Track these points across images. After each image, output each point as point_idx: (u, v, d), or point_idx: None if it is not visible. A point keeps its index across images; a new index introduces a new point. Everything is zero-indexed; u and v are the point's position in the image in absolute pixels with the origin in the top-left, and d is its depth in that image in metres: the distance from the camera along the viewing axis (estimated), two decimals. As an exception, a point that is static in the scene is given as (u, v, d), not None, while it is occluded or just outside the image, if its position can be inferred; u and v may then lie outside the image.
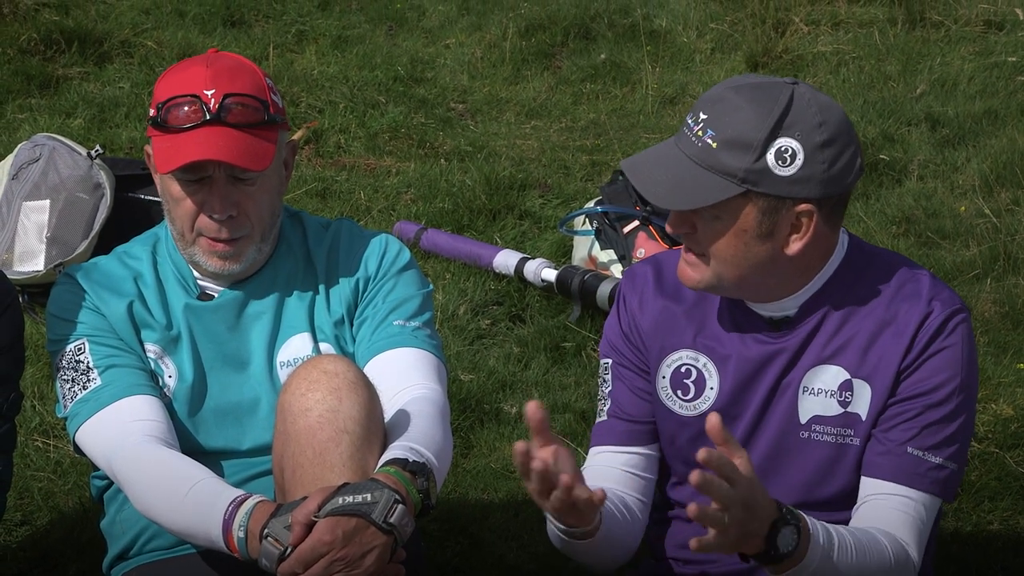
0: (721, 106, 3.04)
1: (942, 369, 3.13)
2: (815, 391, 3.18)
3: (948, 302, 3.15)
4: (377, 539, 3.00)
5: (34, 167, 5.63)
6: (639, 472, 3.35)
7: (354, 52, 7.77)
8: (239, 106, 3.32)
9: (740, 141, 3.01)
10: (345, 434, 3.11)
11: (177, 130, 3.32)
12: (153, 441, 3.29)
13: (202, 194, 3.35)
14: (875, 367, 3.15)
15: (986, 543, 4.31)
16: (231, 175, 3.33)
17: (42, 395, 4.91)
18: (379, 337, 3.43)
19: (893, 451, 3.14)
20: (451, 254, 5.87)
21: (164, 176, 3.37)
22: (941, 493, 3.16)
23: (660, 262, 3.35)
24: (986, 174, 6.40)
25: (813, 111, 3.03)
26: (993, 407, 4.88)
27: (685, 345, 3.27)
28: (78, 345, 3.40)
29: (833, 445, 3.19)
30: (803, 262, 3.13)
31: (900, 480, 3.13)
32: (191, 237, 3.40)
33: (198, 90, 3.32)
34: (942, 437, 3.14)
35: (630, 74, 7.72)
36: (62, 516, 4.39)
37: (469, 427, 4.91)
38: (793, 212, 3.05)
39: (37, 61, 7.28)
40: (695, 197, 3.04)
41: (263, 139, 3.35)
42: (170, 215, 3.43)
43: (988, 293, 5.54)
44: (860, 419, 3.17)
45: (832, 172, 3.04)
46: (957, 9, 8.10)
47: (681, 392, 3.28)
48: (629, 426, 3.34)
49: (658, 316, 3.29)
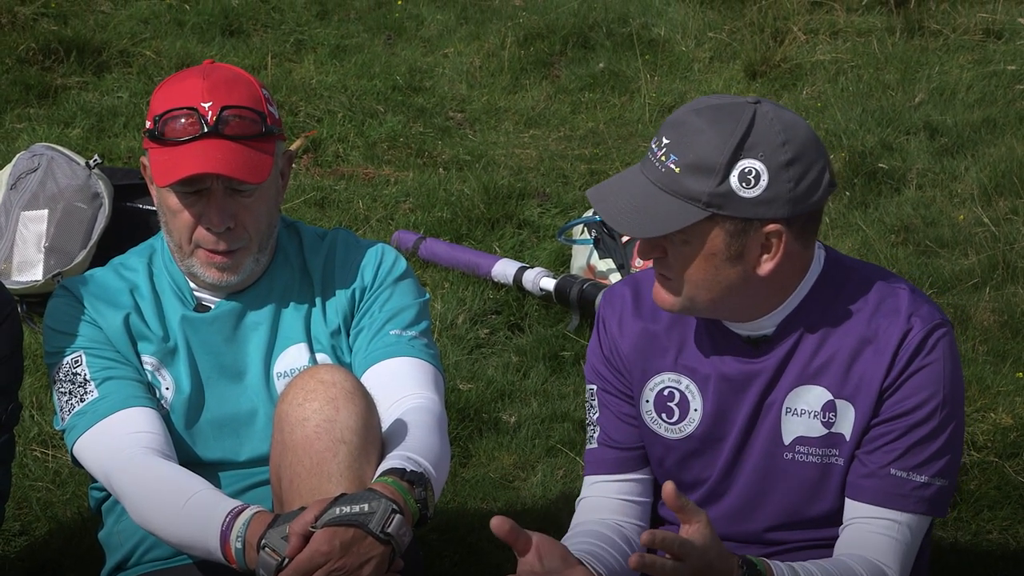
0: (683, 129, 3.01)
1: (924, 387, 3.11)
2: (798, 411, 3.17)
3: (927, 318, 3.12)
4: (375, 549, 3.00)
5: (32, 177, 5.63)
6: (634, 498, 3.36)
7: (352, 61, 7.77)
8: (236, 118, 3.32)
9: (702, 165, 2.98)
10: (342, 444, 3.11)
11: (174, 143, 3.32)
12: (150, 453, 3.29)
13: (199, 206, 3.34)
14: (857, 387, 3.13)
15: (985, 552, 4.31)
16: (229, 187, 3.33)
17: (41, 405, 4.90)
18: (376, 347, 3.42)
19: (876, 473, 3.13)
20: (450, 263, 5.87)
21: (161, 188, 3.36)
22: (929, 511, 3.14)
23: (638, 282, 3.32)
24: (985, 183, 6.40)
25: (776, 130, 3.00)
26: (992, 416, 4.88)
27: (666, 368, 3.26)
28: (75, 358, 3.39)
29: (818, 465, 3.18)
30: (777, 281, 3.10)
31: (884, 503, 3.12)
32: (188, 249, 3.39)
33: (195, 102, 3.32)
34: (927, 455, 3.12)
35: (628, 83, 7.72)
36: (60, 526, 4.39)
37: (468, 436, 4.90)
38: (762, 233, 3.02)
39: (36, 71, 7.28)
40: (660, 224, 3.01)
41: (260, 151, 3.34)
42: (167, 226, 3.42)
43: (987, 302, 5.54)
44: (844, 439, 3.16)
45: (798, 191, 3.01)
46: (955, 18, 8.10)
47: (666, 415, 3.27)
48: (619, 454, 3.35)
49: (637, 339, 3.28)
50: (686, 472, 3.27)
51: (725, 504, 3.26)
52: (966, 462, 4.65)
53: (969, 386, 5.02)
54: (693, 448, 3.24)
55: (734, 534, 3.26)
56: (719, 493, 3.26)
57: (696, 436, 3.24)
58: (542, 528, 3.95)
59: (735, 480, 3.24)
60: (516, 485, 4.70)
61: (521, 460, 4.82)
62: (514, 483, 4.71)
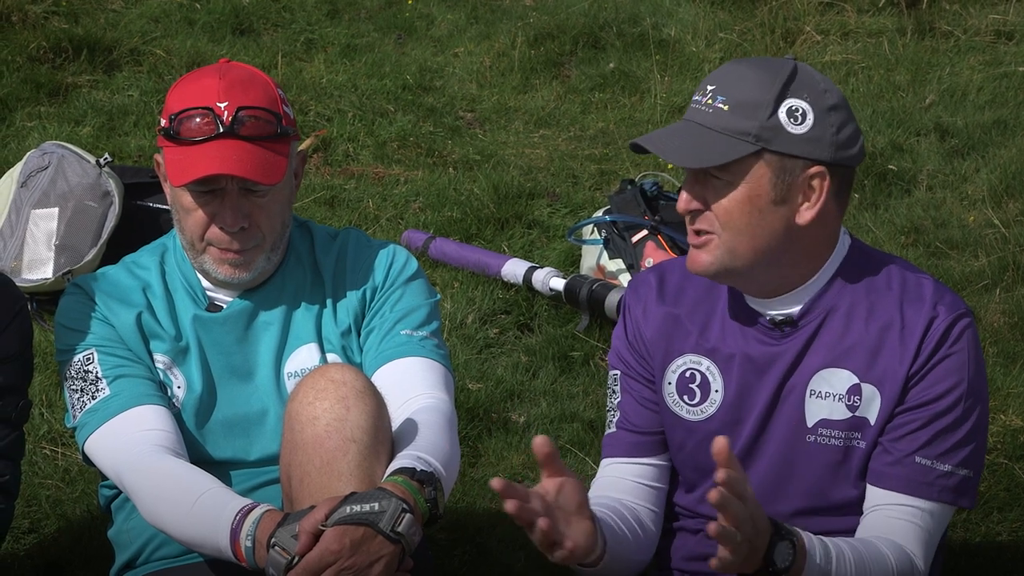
0: (729, 76, 3.10)
1: (948, 375, 3.13)
2: (822, 395, 3.18)
3: (952, 306, 3.15)
4: (385, 548, 3.00)
5: (43, 175, 5.64)
6: (650, 482, 3.36)
7: (363, 61, 7.77)
8: (252, 119, 3.32)
9: (751, 102, 3.05)
10: (352, 443, 3.11)
11: (190, 142, 3.32)
12: (161, 451, 3.29)
13: (213, 205, 3.35)
14: (884, 372, 3.15)
15: (995, 554, 4.31)
16: (243, 187, 3.33)
17: (50, 403, 4.91)
18: (386, 347, 3.42)
19: (901, 461, 3.14)
20: (459, 263, 5.87)
21: (176, 187, 3.37)
22: (953, 500, 3.16)
23: (663, 269, 3.36)
24: (995, 184, 6.39)
25: (818, 78, 3.11)
26: (1002, 418, 4.87)
27: (688, 349, 3.28)
28: (87, 355, 3.40)
29: (839, 448, 3.19)
30: (811, 242, 3.13)
31: (909, 491, 3.14)
32: (201, 247, 3.40)
33: (211, 102, 3.32)
34: (951, 444, 3.14)
35: (639, 83, 7.71)
36: (70, 524, 4.39)
37: (477, 436, 4.90)
38: (806, 176, 3.07)
39: (46, 69, 7.28)
40: (711, 157, 3.06)
41: (275, 152, 3.35)
42: (180, 225, 3.42)
43: (997, 304, 5.53)
44: (868, 424, 3.17)
45: (840, 137, 3.09)
46: (967, 19, 8.09)
47: (688, 397, 3.28)
48: (637, 438, 3.35)
49: (661, 323, 3.30)
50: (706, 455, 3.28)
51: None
52: (976, 464, 4.65)
53: (979, 388, 5.02)
54: (714, 430, 3.24)
55: None
56: None
57: (717, 417, 3.25)
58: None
59: (755, 463, 3.24)
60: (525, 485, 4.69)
61: (530, 460, 4.81)
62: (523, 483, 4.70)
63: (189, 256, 3.45)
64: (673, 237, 5.53)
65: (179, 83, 3.43)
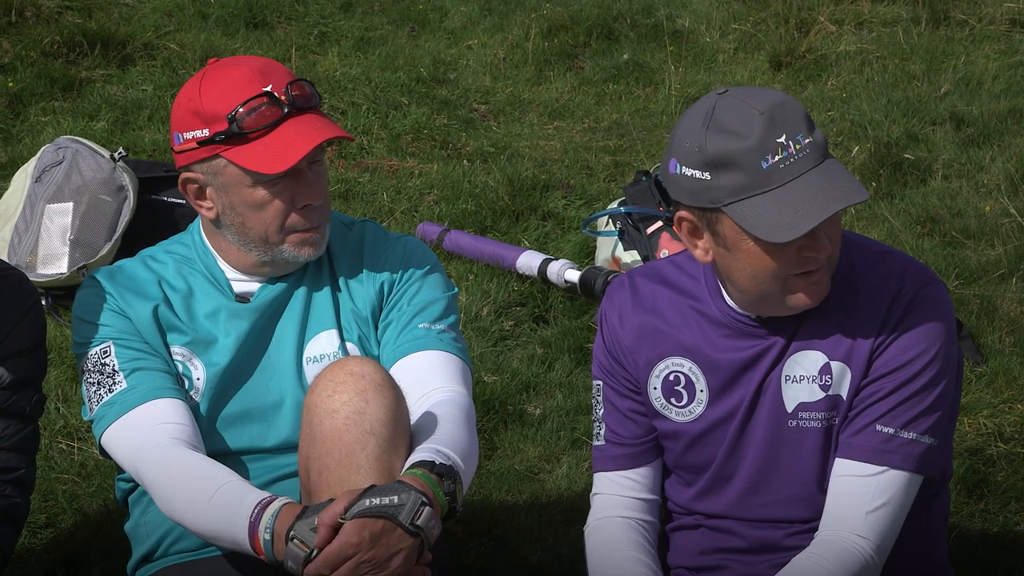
0: (784, 112, 3.03)
1: (914, 344, 3.14)
2: (797, 378, 3.20)
3: (918, 275, 3.16)
4: (404, 541, 2.99)
5: (57, 170, 5.64)
6: (646, 496, 3.40)
7: (376, 53, 7.77)
8: (300, 93, 3.33)
9: (817, 127, 3.07)
10: (371, 436, 3.11)
11: (262, 131, 3.30)
12: (179, 444, 3.29)
13: (291, 188, 3.33)
14: (851, 348, 3.16)
15: (1013, 544, 4.30)
16: (310, 161, 3.33)
17: (66, 397, 4.91)
18: (404, 340, 3.42)
19: (864, 430, 3.15)
20: (474, 255, 5.87)
21: (239, 186, 3.33)
22: (916, 468, 3.15)
23: (634, 275, 3.38)
24: (1011, 173, 6.38)
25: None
26: (1020, 407, 4.87)
27: (669, 353, 3.29)
28: (103, 348, 3.39)
29: (821, 430, 3.20)
30: None
31: (871, 459, 3.14)
32: (279, 238, 3.38)
33: (259, 89, 3.30)
34: (916, 412, 3.14)
35: (653, 74, 7.71)
36: (86, 518, 4.40)
37: (492, 429, 4.90)
38: None
39: (60, 64, 7.29)
40: (860, 188, 3.05)
41: (325, 116, 3.37)
42: (244, 225, 3.38)
43: (1013, 293, 5.52)
44: (842, 400, 3.18)
45: None
46: (982, 8, 8.07)
47: (675, 400, 3.30)
48: (626, 450, 3.39)
49: (639, 329, 3.32)
50: (695, 455, 3.30)
51: (736, 484, 3.28)
52: (993, 454, 4.64)
53: (996, 378, 5.01)
54: (703, 428, 3.28)
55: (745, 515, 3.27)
56: (727, 475, 3.29)
57: (706, 416, 3.27)
58: (567, 520, 3.96)
59: (742, 458, 3.26)
60: (541, 477, 4.70)
61: (546, 452, 4.81)
62: (539, 475, 4.71)
63: (259, 251, 3.40)
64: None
65: (205, 87, 3.35)
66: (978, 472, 4.55)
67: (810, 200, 2.99)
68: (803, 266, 3.06)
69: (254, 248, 3.41)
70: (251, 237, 3.39)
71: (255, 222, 3.36)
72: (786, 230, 2.97)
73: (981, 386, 4.99)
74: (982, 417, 4.78)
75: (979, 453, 4.64)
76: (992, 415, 4.82)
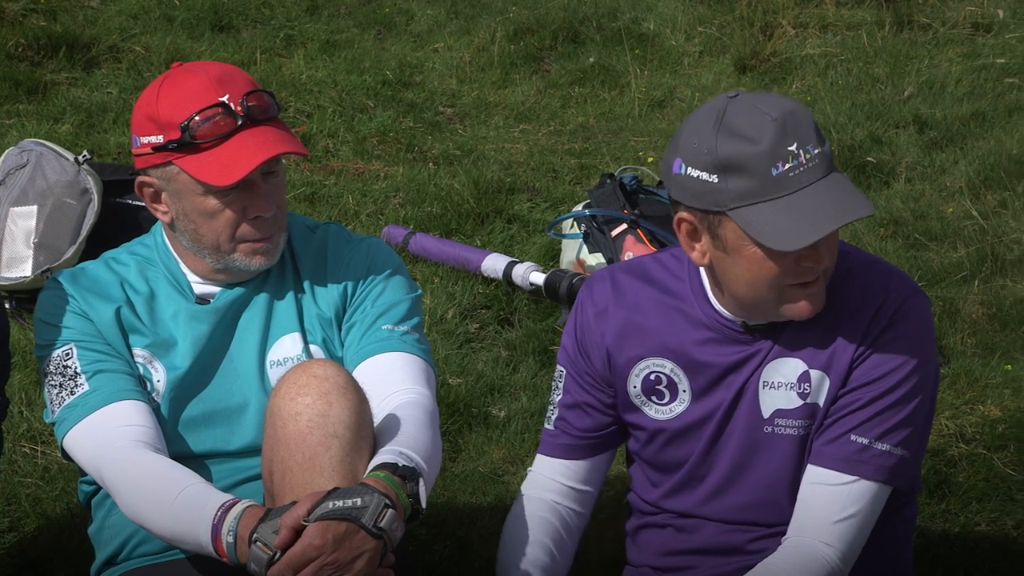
0: (794, 119, 3.06)
1: (893, 357, 3.15)
2: (775, 384, 3.21)
3: (900, 289, 3.17)
4: (367, 543, 2.99)
5: (21, 173, 5.62)
6: (580, 486, 3.43)
7: (342, 56, 7.76)
8: (258, 104, 3.32)
9: (825, 139, 3.11)
10: (335, 439, 3.11)
11: (214, 142, 3.29)
12: (141, 446, 3.28)
13: (242, 199, 3.33)
14: (831, 357, 3.17)
15: (974, 544, 4.32)
16: (264, 172, 3.32)
17: (30, 401, 4.90)
18: (368, 341, 3.42)
19: (839, 439, 3.16)
20: (439, 258, 5.87)
21: (191, 194, 3.33)
22: (887, 479, 3.16)
23: (615, 271, 3.37)
24: (973, 176, 6.41)
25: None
26: (981, 408, 4.89)
27: (650, 353, 3.29)
28: (66, 350, 3.39)
29: (796, 438, 3.21)
30: None
31: (843, 468, 3.15)
32: (230, 247, 3.38)
33: (214, 99, 3.29)
34: (891, 424, 3.15)
35: (618, 77, 7.72)
36: (50, 522, 4.38)
37: (457, 431, 4.90)
38: None
39: (25, 66, 7.27)
40: (865, 201, 3.07)
41: (285, 127, 3.36)
42: (197, 232, 3.38)
43: (976, 295, 5.55)
44: (819, 408, 3.19)
45: None
46: (944, 11, 8.12)
47: (656, 397, 3.31)
48: (572, 441, 3.41)
49: (621, 327, 3.31)
50: (671, 452, 3.31)
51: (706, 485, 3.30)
52: (954, 455, 4.66)
53: (958, 378, 5.04)
54: (681, 427, 3.29)
55: (712, 515, 3.28)
56: (700, 475, 3.30)
57: (685, 416, 3.28)
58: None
59: (716, 460, 3.27)
60: (506, 479, 4.71)
61: (511, 454, 4.82)
62: (504, 477, 4.72)
63: (212, 258, 3.41)
64: (652, 231, 5.54)
65: (163, 94, 3.34)
66: (939, 473, 4.57)
67: (817, 211, 2.99)
68: (800, 276, 3.06)
69: (207, 255, 3.41)
70: (204, 244, 3.39)
71: (207, 230, 3.36)
72: (792, 239, 2.98)
73: (943, 387, 5.01)
74: (944, 418, 4.81)
75: (940, 454, 4.66)
76: (954, 416, 4.84)
